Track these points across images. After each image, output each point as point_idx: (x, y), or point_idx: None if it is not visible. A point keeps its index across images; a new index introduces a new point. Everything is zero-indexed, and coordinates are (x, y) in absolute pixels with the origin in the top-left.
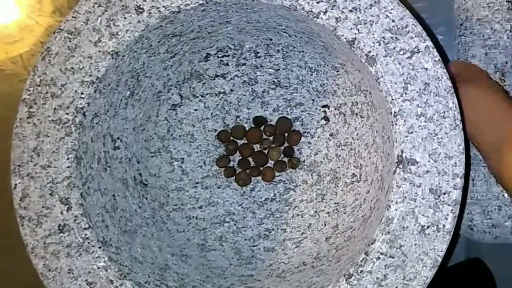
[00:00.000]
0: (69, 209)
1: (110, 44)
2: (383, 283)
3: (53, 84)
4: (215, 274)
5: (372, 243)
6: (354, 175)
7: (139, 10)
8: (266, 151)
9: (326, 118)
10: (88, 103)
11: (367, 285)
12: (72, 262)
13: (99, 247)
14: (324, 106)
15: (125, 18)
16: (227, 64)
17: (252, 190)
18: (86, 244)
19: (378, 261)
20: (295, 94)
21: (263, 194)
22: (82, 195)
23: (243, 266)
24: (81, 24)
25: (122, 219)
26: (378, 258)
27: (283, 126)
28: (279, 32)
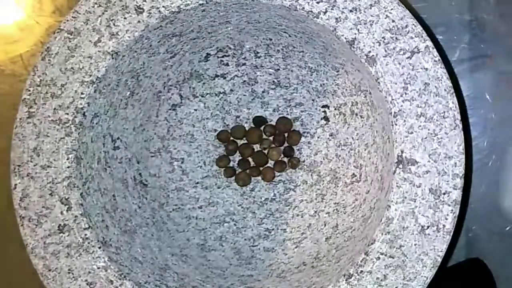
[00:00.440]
0: (69, 209)
1: (110, 44)
2: (383, 283)
3: (53, 84)
4: (215, 274)
5: (372, 243)
6: (354, 175)
7: (139, 10)
8: (266, 151)
9: (326, 118)
10: (88, 103)
11: (367, 285)
12: (72, 262)
13: (99, 247)
14: (324, 106)
15: (125, 18)
16: (227, 64)
17: (252, 190)
18: (86, 244)
19: (378, 261)
20: (295, 94)
21: (263, 194)
22: (82, 195)
23: (243, 266)
24: (81, 24)
25: (122, 219)
26: (378, 258)
27: (283, 126)
28: (279, 32)
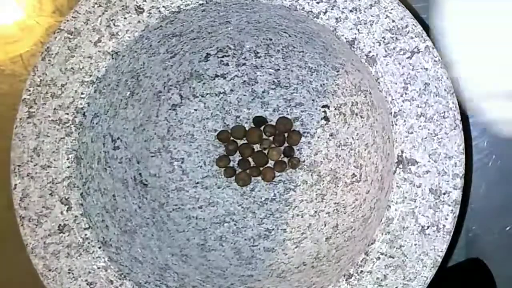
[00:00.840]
0: (69, 209)
1: (110, 44)
2: (383, 283)
3: (53, 84)
4: (215, 274)
5: (372, 243)
6: (354, 175)
7: (139, 10)
8: (266, 151)
9: (326, 118)
10: (88, 103)
11: (367, 285)
12: (72, 262)
13: (99, 247)
14: (324, 106)
15: (125, 18)
16: (227, 64)
17: (252, 190)
18: (86, 244)
19: (378, 261)
20: (295, 94)
21: (263, 194)
22: (82, 195)
23: (243, 266)
24: (81, 24)
25: (122, 219)
26: (378, 258)
27: (283, 126)
28: (279, 32)
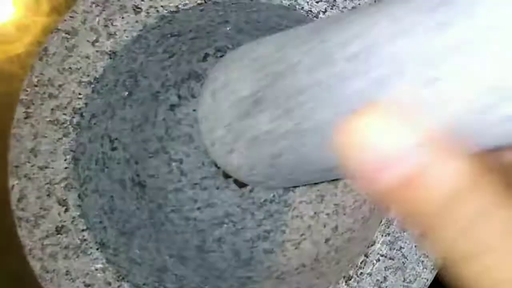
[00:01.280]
0: (66, 210)
1: (108, 44)
2: (383, 285)
3: (50, 84)
4: (213, 275)
5: (372, 245)
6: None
7: (137, 10)
8: None
9: None
10: (86, 104)
11: (367, 287)
12: (69, 264)
13: (97, 249)
14: None
15: (123, 18)
16: None
17: (251, 191)
18: (84, 245)
19: (378, 263)
20: None
21: (262, 195)
22: (80, 196)
23: (242, 267)
24: (78, 24)
25: (120, 221)
26: (378, 260)
27: None
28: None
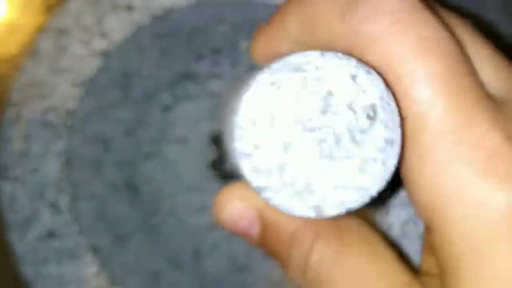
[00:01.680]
0: (59, 214)
1: (101, 44)
2: None
3: (42, 85)
4: (209, 280)
5: None
6: None
7: (130, 9)
8: None
9: None
10: (78, 105)
11: None
12: (62, 268)
13: (90, 253)
14: None
15: (116, 18)
16: (221, 64)
17: None
18: (77, 250)
19: None
20: None
21: None
22: (73, 200)
23: (238, 273)
24: (71, 24)
25: (114, 225)
26: None
27: None
28: None
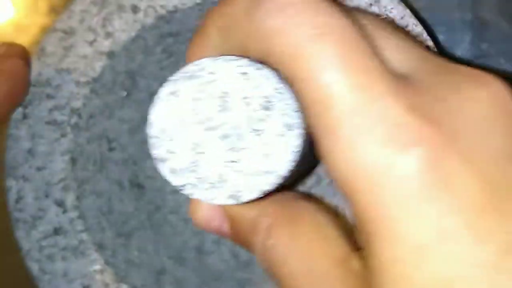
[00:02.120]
0: (64, 211)
1: (106, 44)
2: None
3: (48, 84)
4: (212, 277)
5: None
6: None
7: (135, 9)
8: None
9: None
10: (84, 104)
11: None
12: (67, 265)
13: (95, 250)
14: None
15: (121, 18)
16: None
17: None
18: (82, 247)
19: None
20: None
21: None
22: (78, 197)
23: (241, 269)
24: (76, 24)
25: (118, 222)
26: None
27: None
28: None
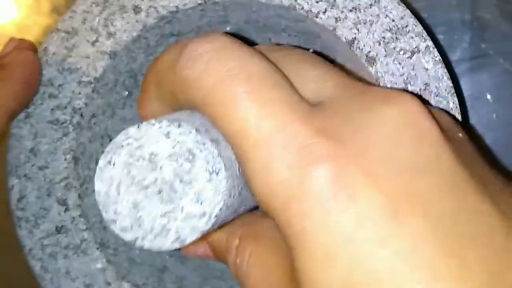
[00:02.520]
0: (66, 210)
1: (108, 44)
2: None
3: (50, 84)
4: (214, 275)
5: None
6: None
7: (137, 9)
8: None
9: None
10: (86, 104)
11: None
12: (69, 264)
13: (97, 249)
14: None
15: (122, 18)
16: None
17: None
18: (84, 245)
19: None
20: None
21: None
22: (80, 196)
23: None
24: (78, 24)
25: None
26: None
27: None
28: (278, 32)
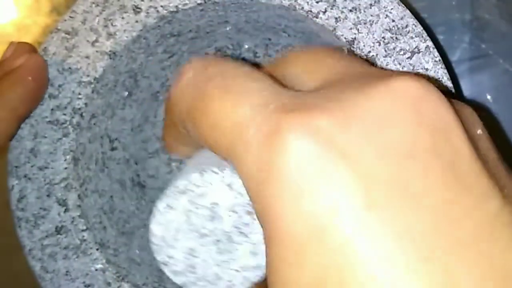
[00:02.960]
0: (66, 210)
1: (108, 44)
2: None
3: (50, 84)
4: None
5: None
6: None
7: (136, 10)
8: None
9: None
10: (86, 104)
11: None
12: (69, 264)
13: (97, 249)
14: None
15: (122, 18)
16: None
17: None
18: (84, 245)
19: None
20: None
21: None
22: (80, 197)
23: None
24: (78, 24)
25: (120, 221)
26: None
27: None
28: (278, 32)
